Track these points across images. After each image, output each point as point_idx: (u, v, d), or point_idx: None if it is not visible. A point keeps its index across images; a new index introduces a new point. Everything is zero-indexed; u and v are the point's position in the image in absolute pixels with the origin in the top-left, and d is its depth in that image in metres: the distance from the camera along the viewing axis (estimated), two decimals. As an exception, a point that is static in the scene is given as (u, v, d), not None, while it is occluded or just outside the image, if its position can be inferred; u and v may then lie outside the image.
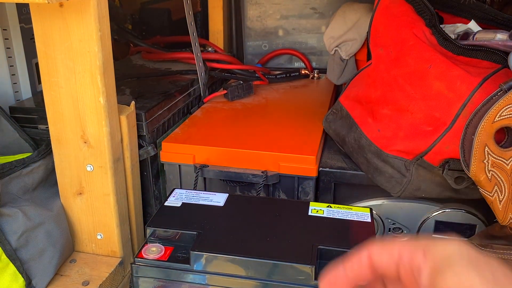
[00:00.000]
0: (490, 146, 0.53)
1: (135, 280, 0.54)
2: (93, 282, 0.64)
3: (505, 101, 0.52)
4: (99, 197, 0.66)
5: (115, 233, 0.68)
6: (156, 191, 0.82)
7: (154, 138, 0.80)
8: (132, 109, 0.70)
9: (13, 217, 0.58)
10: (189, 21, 0.98)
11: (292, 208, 0.62)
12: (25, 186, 0.63)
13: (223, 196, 0.63)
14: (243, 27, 1.27)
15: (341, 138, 0.76)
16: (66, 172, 0.66)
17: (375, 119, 0.69)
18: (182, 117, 0.93)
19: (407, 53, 0.63)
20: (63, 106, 0.62)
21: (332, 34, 0.94)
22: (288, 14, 1.24)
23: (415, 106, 0.62)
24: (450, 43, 0.61)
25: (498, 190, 0.55)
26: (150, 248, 0.55)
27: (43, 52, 0.60)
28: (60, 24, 0.57)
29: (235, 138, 0.80)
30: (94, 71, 0.59)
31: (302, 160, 0.73)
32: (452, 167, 0.60)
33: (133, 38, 1.20)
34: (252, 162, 0.75)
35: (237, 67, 1.13)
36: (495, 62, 0.59)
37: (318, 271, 0.50)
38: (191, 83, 0.97)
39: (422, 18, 0.65)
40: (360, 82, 0.76)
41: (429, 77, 0.60)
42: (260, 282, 0.51)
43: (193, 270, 0.52)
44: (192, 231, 0.55)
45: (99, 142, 0.63)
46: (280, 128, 0.85)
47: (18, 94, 0.83)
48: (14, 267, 0.58)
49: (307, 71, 1.18)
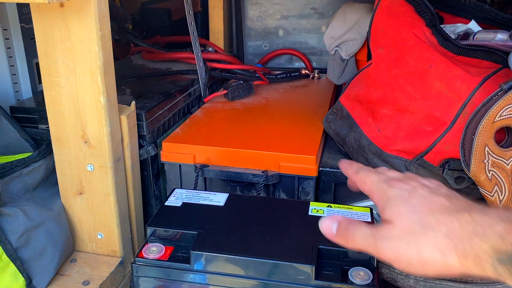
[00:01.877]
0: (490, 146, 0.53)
1: (135, 279, 0.54)
2: (93, 281, 0.64)
3: (505, 101, 0.52)
4: (100, 196, 0.66)
5: (116, 232, 0.68)
6: (157, 191, 0.82)
7: (155, 138, 0.80)
8: (132, 109, 0.70)
9: (13, 217, 0.58)
10: (189, 21, 0.98)
11: (292, 208, 0.62)
12: (25, 185, 0.63)
13: (223, 196, 0.63)
14: (243, 27, 1.27)
15: (341, 138, 0.76)
16: (66, 172, 0.66)
17: (375, 119, 0.69)
18: (182, 117, 0.93)
19: (408, 53, 0.63)
20: (64, 106, 0.62)
21: (332, 34, 0.94)
22: (289, 14, 1.24)
23: (415, 106, 0.62)
24: (450, 43, 0.61)
25: (498, 190, 0.55)
26: (150, 248, 0.55)
27: (43, 52, 0.60)
28: (61, 24, 0.57)
29: (235, 138, 0.80)
30: (94, 71, 0.59)
31: (302, 160, 0.73)
32: (452, 167, 0.59)
33: (134, 38, 1.20)
34: (252, 162, 0.75)
35: (237, 67, 1.13)
36: (496, 62, 0.59)
37: (318, 271, 0.51)
38: (191, 83, 0.97)
39: (423, 18, 0.64)
40: (360, 82, 0.76)
41: (429, 77, 0.60)
42: (260, 282, 0.51)
43: (193, 269, 0.52)
44: (192, 231, 0.56)
45: (100, 142, 0.63)
46: (280, 128, 0.85)
47: (18, 94, 0.83)
48: (15, 266, 0.58)
49: (307, 71, 1.18)
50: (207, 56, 1.08)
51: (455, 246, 0.36)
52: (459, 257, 0.36)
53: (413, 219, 0.39)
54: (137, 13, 1.32)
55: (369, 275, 0.50)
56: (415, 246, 0.38)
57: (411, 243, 0.38)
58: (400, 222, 0.40)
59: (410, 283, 0.62)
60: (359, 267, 0.51)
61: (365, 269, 0.51)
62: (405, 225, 0.39)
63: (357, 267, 0.51)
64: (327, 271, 0.51)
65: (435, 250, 0.37)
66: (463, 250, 0.36)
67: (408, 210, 0.40)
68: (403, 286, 0.63)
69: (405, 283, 0.62)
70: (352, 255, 0.52)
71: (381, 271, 0.64)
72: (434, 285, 0.61)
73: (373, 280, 0.49)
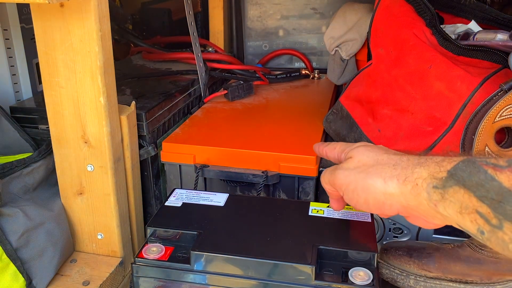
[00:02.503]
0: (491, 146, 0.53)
1: (135, 280, 0.54)
2: (93, 282, 0.64)
3: (505, 101, 0.52)
4: (100, 197, 0.66)
5: (116, 233, 0.68)
6: (157, 191, 0.82)
7: (155, 138, 0.80)
8: (132, 109, 0.70)
9: (13, 217, 0.58)
10: (189, 21, 0.98)
11: (292, 208, 0.62)
12: (25, 186, 0.63)
13: (223, 196, 0.63)
14: (243, 27, 1.27)
15: (342, 138, 0.76)
16: (66, 172, 0.66)
17: (376, 119, 0.69)
18: (182, 117, 0.93)
19: (408, 53, 0.63)
20: (64, 106, 0.62)
21: (332, 34, 0.94)
22: (289, 14, 1.24)
23: (416, 106, 0.62)
24: (451, 43, 0.61)
25: (498, 190, 0.55)
26: (150, 248, 0.55)
27: (43, 52, 0.60)
28: (61, 24, 0.57)
29: (235, 138, 0.80)
30: (94, 71, 0.59)
31: (302, 160, 0.73)
32: (453, 167, 0.59)
33: (134, 38, 1.20)
34: (253, 162, 0.75)
35: (237, 67, 1.13)
36: (496, 62, 0.59)
37: (318, 271, 0.51)
38: (191, 83, 0.97)
39: (423, 19, 0.64)
40: (360, 82, 0.76)
41: (430, 77, 0.60)
42: (260, 282, 0.51)
43: (193, 270, 0.52)
44: (192, 231, 0.56)
45: (100, 142, 0.63)
46: (280, 128, 0.85)
47: (18, 94, 0.83)
48: (15, 267, 0.58)
49: (307, 71, 1.18)
50: (207, 56, 1.08)
51: (397, 174, 0.41)
52: (399, 183, 0.40)
53: (369, 156, 0.45)
54: (137, 13, 1.32)
55: (369, 275, 0.50)
56: (363, 174, 0.43)
57: (361, 172, 0.44)
58: (357, 157, 0.46)
59: (410, 283, 0.62)
60: (359, 267, 0.51)
61: (365, 269, 0.51)
62: (361, 159, 0.45)
63: (357, 267, 0.51)
64: (327, 271, 0.51)
65: (378, 177, 0.42)
66: (404, 177, 0.40)
67: (367, 149, 0.46)
68: (403, 286, 0.63)
69: (405, 283, 0.62)
70: (352, 255, 0.52)
71: (381, 271, 0.64)
72: (434, 285, 0.61)
73: (373, 280, 0.49)
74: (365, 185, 0.43)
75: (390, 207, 0.42)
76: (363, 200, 0.43)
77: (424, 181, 0.38)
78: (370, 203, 0.43)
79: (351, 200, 0.45)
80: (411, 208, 0.40)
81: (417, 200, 0.39)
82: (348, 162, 0.46)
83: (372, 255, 0.52)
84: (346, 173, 0.45)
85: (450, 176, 0.36)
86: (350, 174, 0.45)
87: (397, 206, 0.41)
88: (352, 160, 0.46)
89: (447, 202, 0.36)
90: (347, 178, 0.45)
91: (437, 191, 0.37)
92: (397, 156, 0.43)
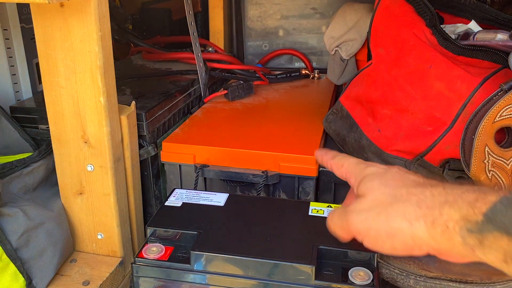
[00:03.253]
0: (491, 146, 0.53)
1: (135, 280, 0.54)
2: (93, 282, 0.64)
3: (505, 101, 0.52)
4: (100, 197, 0.66)
5: (116, 233, 0.68)
6: (157, 191, 0.82)
7: (155, 138, 0.80)
8: (132, 109, 0.70)
9: (13, 217, 0.58)
10: (189, 21, 0.98)
11: (292, 208, 0.62)
12: (25, 186, 0.63)
13: (223, 196, 0.63)
14: (243, 27, 1.27)
15: (342, 138, 0.76)
16: (66, 172, 0.66)
17: (376, 119, 0.69)
18: (182, 117, 0.93)
19: (408, 53, 0.63)
20: (64, 106, 0.62)
21: (332, 34, 0.94)
22: (289, 14, 1.24)
23: (416, 106, 0.62)
24: (451, 43, 0.61)
25: (498, 190, 0.55)
26: (150, 248, 0.55)
27: (43, 52, 0.60)
28: (61, 24, 0.57)
29: (235, 138, 0.80)
30: (94, 71, 0.59)
31: (302, 160, 0.73)
32: (453, 167, 0.60)
33: (134, 38, 1.20)
34: (253, 162, 0.75)
35: (237, 67, 1.13)
36: (496, 62, 0.59)
37: (318, 271, 0.51)
38: (191, 83, 0.97)
39: (423, 18, 0.64)
40: (360, 82, 0.76)
41: (430, 77, 0.60)
42: (260, 282, 0.51)
43: (193, 270, 0.52)
44: (192, 231, 0.56)
45: (100, 142, 0.63)
46: (280, 128, 0.85)
47: (18, 94, 0.83)
48: (15, 266, 0.58)
49: (307, 71, 1.18)
50: (207, 56, 1.08)
51: (424, 214, 0.35)
52: (427, 226, 0.35)
53: (384, 192, 0.39)
54: (137, 13, 1.32)
55: (369, 275, 0.50)
56: (384, 217, 0.38)
57: (380, 213, 0.38)
58: (371, 195, 0.40)
59: (410, 283, 0.62)
60: (359, 267, 0.51)
61: (365, 269, 0.51)
62: (376, 198, 0.39)
63: (357, 267, 0.51)
64: (327, 271, 0.51)
65: (403, 219, 0.36)
66: (432, 218, 0.35)
67: (381, 183, 0.40)
68: (403, 286, 0.63)
69: (405, 283, 0.62)
70: (352, 255, 0.52)
71: (381, 271, 0.64)
72: (434, 285, 0.61)
73: (373, 280, 0.49)
74: (389, 229, 0.37)
75: (419, 249, 0.37)
76: (389, 246, 0.38)
77: (456, 224, 0.33)
78: (398, 248, 0.38)
79: (374, 247, 0.39)
80: (444, 250, 0.36)
81: (450, 244, 0.34)
82: (361, 203, 0.40)
83: (372, 255, 0.52)
84: (362, 218, 0.39)
85: (488, 221, 0.32)
86: (368, 218, 0.39)
87: (427, 248, 0.36)
88: (366, 199, 0.40)
89: (487, 249, 0.32)
90: (365, 223, 0.39)
91: (473, 235, 0.32)
92: (418, 189, 0.38)
